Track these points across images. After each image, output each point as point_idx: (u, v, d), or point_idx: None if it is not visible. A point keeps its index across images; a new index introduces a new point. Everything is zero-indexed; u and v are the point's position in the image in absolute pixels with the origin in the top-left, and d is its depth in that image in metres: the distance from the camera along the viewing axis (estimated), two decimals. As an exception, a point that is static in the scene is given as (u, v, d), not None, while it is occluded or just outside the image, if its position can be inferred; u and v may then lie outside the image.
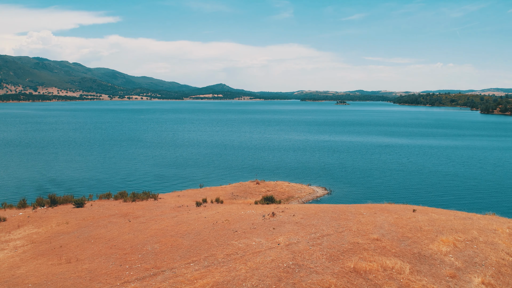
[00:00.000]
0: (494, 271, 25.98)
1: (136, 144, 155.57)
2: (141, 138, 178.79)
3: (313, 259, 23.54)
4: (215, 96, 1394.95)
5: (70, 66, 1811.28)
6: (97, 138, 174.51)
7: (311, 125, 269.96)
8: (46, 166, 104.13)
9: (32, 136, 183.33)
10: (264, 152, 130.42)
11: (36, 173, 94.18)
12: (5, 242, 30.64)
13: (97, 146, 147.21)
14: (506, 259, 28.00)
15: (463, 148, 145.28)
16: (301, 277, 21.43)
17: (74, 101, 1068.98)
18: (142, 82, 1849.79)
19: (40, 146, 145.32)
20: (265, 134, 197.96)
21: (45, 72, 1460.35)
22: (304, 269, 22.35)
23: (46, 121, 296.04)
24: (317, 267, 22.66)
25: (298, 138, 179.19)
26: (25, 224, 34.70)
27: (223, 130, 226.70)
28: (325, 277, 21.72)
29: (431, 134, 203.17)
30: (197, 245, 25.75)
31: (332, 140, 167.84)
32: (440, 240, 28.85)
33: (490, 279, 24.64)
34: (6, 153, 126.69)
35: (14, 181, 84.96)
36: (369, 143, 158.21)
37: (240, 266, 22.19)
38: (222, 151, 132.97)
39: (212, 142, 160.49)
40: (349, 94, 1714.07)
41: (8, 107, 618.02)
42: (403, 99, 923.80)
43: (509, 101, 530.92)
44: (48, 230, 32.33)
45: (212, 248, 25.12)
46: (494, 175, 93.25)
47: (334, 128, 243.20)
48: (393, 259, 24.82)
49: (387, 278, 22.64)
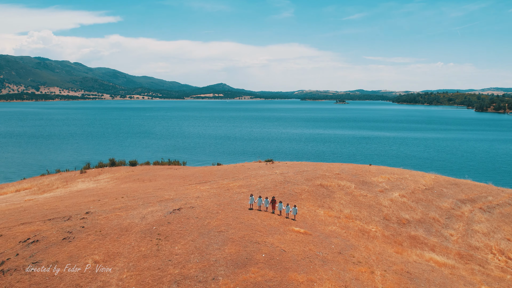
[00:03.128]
0: (409, 191, 41.85)
1: (148, 136, 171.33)
2: (152, 131, 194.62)
3: (296, 179, 39.40)
4: (215, 95, 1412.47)
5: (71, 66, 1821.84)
6: (112, 132, 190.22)
7: (308, 121, 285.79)
8: (77, 150, 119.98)
9: (50, 130, 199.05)
10: (263, 142, 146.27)
11: (73, 154, 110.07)
12: (96, 180, 46.40)
13: (113, 138, 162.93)
14: (421, 187, 43.88)
15: (442, 139, 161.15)
16: (288, 185, 37.25)
17: (76, 100, 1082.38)
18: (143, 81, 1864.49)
19: (63, 138, 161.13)
20: (264, 129, 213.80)
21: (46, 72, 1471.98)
22: (290, 182, 38.18)
23: (57, 118, 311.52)
24: (298, 182, 38.50)
25: (294, 131, 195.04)
26: (103, 173, 50.45)
27: (225, 125, 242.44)
28: (302, 186, 37.53)
29: (418, 128, 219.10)
30: (226, 174, 41.64)
31: (325, 133, 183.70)
32: (379, 176, 44.73)
33: (404, 194, 40.52)
34: (47, 143, 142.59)
35: (64, 158, 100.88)
36: (359, 135, 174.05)
37: (253, 181, 38.06)
38: (226, 142, 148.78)
39: (216, 135, 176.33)
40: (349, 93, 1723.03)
41: (14, 106, 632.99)
42: (402, 98, 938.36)
43: (503, 100, 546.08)
44: (122, 175, 48.09)
45: (235, 174, 41.03)
46: (454, 155, 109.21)
47: (329, 124, 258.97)
48: (345, 182, 40.68)
49: (339, 189, 38.49)
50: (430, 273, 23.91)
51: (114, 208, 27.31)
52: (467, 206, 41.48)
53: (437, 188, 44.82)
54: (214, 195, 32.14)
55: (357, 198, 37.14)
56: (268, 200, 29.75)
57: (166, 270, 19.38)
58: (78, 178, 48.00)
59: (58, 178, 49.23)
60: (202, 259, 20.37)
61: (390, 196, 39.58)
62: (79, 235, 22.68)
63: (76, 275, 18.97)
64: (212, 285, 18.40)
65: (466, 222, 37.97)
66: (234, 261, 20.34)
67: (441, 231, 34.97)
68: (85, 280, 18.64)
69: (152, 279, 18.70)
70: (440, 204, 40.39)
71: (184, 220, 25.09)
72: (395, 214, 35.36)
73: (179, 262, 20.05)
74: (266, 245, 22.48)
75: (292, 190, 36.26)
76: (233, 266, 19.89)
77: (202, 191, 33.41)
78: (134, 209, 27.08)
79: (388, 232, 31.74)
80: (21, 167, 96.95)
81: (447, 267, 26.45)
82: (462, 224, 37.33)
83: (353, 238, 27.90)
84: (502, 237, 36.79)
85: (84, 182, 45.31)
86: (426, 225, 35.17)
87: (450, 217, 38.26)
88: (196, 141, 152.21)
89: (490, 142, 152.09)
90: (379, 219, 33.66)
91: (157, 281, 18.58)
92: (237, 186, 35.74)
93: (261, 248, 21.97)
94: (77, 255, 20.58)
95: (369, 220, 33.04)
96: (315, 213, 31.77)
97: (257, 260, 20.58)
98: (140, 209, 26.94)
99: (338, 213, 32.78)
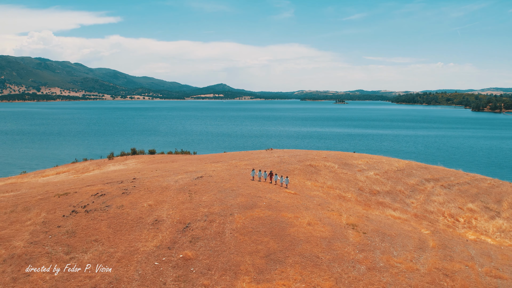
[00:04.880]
0: (383, 171, 51.00)
1: (154, 133, 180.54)
2: (157, 129, 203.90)
3: (290, 161, 48.57)
4: (216, 96, 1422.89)
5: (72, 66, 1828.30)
6: (119, 130, 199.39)
7: (306, 120, 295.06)
8: (90, 146, 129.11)
9: (60, 128, 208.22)
10: (262, 139, 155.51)
11: (87, 149, 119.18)
12: (125, 164, 55.52)
13: (121, 135, 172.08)
14: (393, 169, 52.98)
15: (432, 136, 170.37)
16: (284, 165, 46.41)
17: (78, 101, 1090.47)
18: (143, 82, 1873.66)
19: (74, 135, 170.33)
20: (263, 127, 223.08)
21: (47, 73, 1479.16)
22: (285, 163, 47.34)
23: (63, 117, 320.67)
24: (291, 163, 47.65)
25: (292, 129, 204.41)
26: (128, 159, 59.61)
27: (227, 124, 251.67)
28: (295, 165, 46.67)
29: (411, 127, 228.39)
30: (233, 157, 50.82)
31: (321, 131, 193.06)
32: (360, 160, 53.89)
33: (378, 173, 49.68)
34: (60, 139, 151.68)
35: (79, 152, 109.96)
36: (353, 133, 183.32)
37: (256, 161, 47.22)
38: (228, 138, 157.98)
39: (219, 132, 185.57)
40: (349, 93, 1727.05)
41: (17, 106, 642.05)
42: (401, 98, 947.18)
43: (499, 99, 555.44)
44: (145, 159, 57.25)
45: (241, 157, 50.23)
46: (440, 150, 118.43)
47: (326, 123, 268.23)
48: (330, 163, 49.83)
49: (325, 168, 47.64)
50: (385, 220, 33.03)
51: (153, 176, 36.51)
52: (430, 184, 50.70)
53: (407, 170, 54.01)
54: (225, 169, 41.33)
55: (338, 175, 46.31)
56: (267, 173, 38.82)
57: (198, 209, 28.54)
58: (108, 163, 57.18)
59: (91, 163, 58.44)
60: (222, 204, 29.51)
61: (366, 174, 48.76)
62: (133, 191, 31.84)
63: (138, 212, 28.14)
64: (230, 217, 27.54)
65: (427, 194, 47.14)
66: (244, 206, 29.46)
67: (404, 200, 44.13)
68: (145, 214, 27.80)
69: (189, 214, 27.86)
70: (407, 181, 49.60)
71: (206, 183, 34.25)
72: (368, 187, 44.52)
73: (207, 205, 29.22)
74: (266, 198, 31.61)
75: (286, 168, 45.40)
76: (243, 208, 29.02)
77: (216, 167, 42.61)
78: (168, 176, 36.28)
79: (361, 198, 40.88)
80: (41, 160, 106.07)
81: (401, 220, 35.56)
82: (423, 196, 46.50)
83: (332, 199, 37.03)
84: (455, 206, 45.97)
85: (114, 165, 54.49)
86: (393, 195, 44.34)
87: (414, 190, 47.44)
88: (199, 137, 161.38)
89: (477, 138, 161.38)
90: (355, 190, 42.81)
91: (193, 215, 27.74)
92: (243, 164, 44.91)
93: (262, 200, 31.10)
94: (135, 201, 29.75)
95: (346, 190, 42.19)
96: (303, 183, 40.92)
97: (259, 206, 29.70)
98: (172, 177, 36.12)
99: (322, 184, 41.94)
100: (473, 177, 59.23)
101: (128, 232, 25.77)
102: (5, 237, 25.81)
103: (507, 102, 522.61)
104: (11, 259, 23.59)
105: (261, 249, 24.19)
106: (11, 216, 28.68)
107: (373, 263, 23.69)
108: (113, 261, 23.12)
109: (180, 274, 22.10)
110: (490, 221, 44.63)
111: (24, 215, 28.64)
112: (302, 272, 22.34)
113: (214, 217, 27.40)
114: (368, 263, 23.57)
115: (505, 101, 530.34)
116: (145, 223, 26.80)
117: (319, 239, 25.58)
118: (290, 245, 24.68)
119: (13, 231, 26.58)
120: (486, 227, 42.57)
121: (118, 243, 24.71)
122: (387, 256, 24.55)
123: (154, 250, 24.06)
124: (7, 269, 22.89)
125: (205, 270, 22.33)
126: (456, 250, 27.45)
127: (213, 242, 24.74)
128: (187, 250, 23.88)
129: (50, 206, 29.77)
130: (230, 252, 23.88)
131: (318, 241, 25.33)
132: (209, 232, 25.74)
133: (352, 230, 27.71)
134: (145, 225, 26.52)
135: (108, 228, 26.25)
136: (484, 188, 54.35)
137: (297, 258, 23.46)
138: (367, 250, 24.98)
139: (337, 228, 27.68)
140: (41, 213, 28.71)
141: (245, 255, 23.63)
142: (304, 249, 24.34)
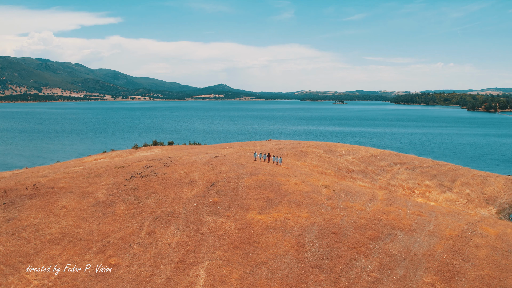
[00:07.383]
0: (359, 156, 63.55)
1: (161, 131, 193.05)
2: (163, 127, 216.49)
3: (285, 147, 61.13)
4: (216, 96, 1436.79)
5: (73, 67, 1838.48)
6: (126, 128, 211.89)
7: (304, 120, 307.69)
8: (104, 141, 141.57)
9: (71, 127, 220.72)
10: (262, 135, 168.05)
11: (103, 144, 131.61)
12: (152, 151, 67.97)
13: (128, 133, 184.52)
14: (368, 155, 65.59)
15: (421, 134, 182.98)
16: (280, 150, 58.96)
17: (79, 101, 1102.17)
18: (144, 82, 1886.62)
19: (85, 133, 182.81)
20: (263, 125, 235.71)
21: (48, 73, 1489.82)
22: (281, 149, 59.89)
23: (70, 117, 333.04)
24: (286, 149, 60.19)
25: (290, 128, 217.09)
26: (153, 148, 72.10)
27: (228, 123, 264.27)
28: (288, 151, 59.23)
29: (405, 125, 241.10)
30: (240, 144, 63.42)
31: (318, 129, 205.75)
32: (342, 148, 66.46)
33: (355, 157, 62.26)
34: (74, 136, 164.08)
35: (97, 146, 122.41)
36: (347, 131, 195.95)
37: (258, 147, 59.80)
38: (229, 135, 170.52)
39: (221, 130, 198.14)
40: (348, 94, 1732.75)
41: (21, 106, 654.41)
42: (400, 98, 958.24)
43: (495, 100, 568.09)
44: (167, 148, 69.77)
45: (246, 145, 62.82)
46: (423, 145, 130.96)
47: (323, 122, 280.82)
48: (317, 150, 62.43)
49: (312, 153, 60.20)
50: (352, 186, 45.54)
51: (182, 155, 49.11)
52: (397, 166, 63.30)
53: (380, 156, 66.59)
54: (235, 152, 53.92)
55: (323, 158, 58.89)
56: (266, 155, 51.27)
57: (219, 175, 41.11)
58: (137, 151, 69.74)
59: (122, 152, 70.97)
60: (235, 172, 42.06)
61: (345, 158, 61.34)
62: (171, 164, 44.41)
63: (178, 176, 40.67)
64: (241, 180, 40.06)
65: (393, 174, 59.73)
66: (251, 173, 41.98)
67: (374, 177, 56.70)
68: (183, 177, 40.35)
69: (213, 177, 40.41)
70: (379, 164, 62.19)
71: (222, 160, 46.82)
72: (345, 167, 57.09)
73: (224, 172, 41.79)
74: (266, 169, 44.15)
75: (282, 152, 57.95)
76: (250, 174, 41.54)
77: (227, 151, 55.21)
78: (194, 156, 48.88)
79: (338, 174, 53.43)
80: (65, 153, 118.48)
81: (366, 188, 48.07)
82: (389, 175, 59.07)
83: (315, 173, 49.56)
84: (414, 182, 58.55)
85: (143, 152, 67.05)
86: (364, 173, 56.90)
87: (382, 170, 60.03)
88: (204, 135, 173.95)
89: (460, 135, 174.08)
90: (334, 168, 55.37)
91: (216, 178, 40.28)
92: (248, 149, 57.50)
93: (263, 170, 43.63)
94: (174, 170, 42.30)
95: (328, 168, 54.74)
96: (294, 163, 53.47)
97: (261, 173, 42.21)
98: (196, 156, 48.72)
99: (309, 164, 54.49)
100: (437, 163, 71.80)
101: (173, 188, 38.34)
102: (90, 192, 38.33)
103: (502, 102, 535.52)
104: (98, 204, 36.09)
105: (263, 197, 36.73)
106: (88, 180, 41.21)
107: (336, 205, 36.22)
108: (167, 203, 35.67)
109: (211, 210, 34.63)
110: (441, 194, 57.21)
111: (97, 179, 41.17)
112: (289, 210, 34.84)
113: (230, 179, 39.96)
114: (333, 205, 36.09)
115: (500, 101, 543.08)
116: (184, 182, 39.39)
117: (302, 192, 38.13)
118: (282, 195, 37.23)
119: (93, 188, 39.11)
120: (437, 197, 55.13)
121: (168, 194, 37.28)
122: (346, 202, 37.09)
123: (193, 197, 36.64)
124: (97, 209, 35.40)
125: (227, 208, 34.87)
126: (397, 202, 39.97)
127: (231, 193, 37.32)
128: (214, 197, 36.47)
129: (114, 173, 42.33)
130: (242, 198, 36.44)
131: (301, 193, 37.88)
132: (228, 187, 38.31)
133: (325, 188, 40.27)
134: (184, 184, 39.10)
135: (159, 185, 38.82)
136: (443, 171, 66.91)
137: (286, 202, 35.99)
138: (333, 199, 37.54)
139: (315, 187, 40.25)
140: (109, 178, 41.26)
141: (252, 200, 36.18)
142: (291, 197, 36.88)
